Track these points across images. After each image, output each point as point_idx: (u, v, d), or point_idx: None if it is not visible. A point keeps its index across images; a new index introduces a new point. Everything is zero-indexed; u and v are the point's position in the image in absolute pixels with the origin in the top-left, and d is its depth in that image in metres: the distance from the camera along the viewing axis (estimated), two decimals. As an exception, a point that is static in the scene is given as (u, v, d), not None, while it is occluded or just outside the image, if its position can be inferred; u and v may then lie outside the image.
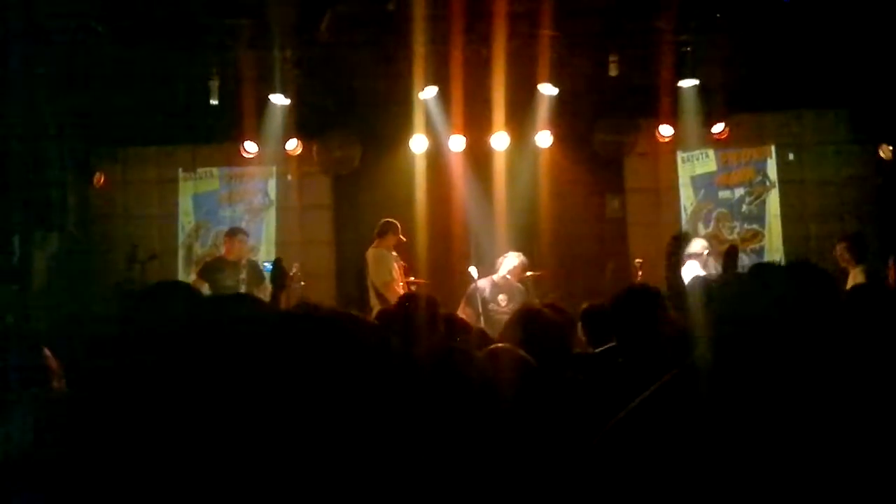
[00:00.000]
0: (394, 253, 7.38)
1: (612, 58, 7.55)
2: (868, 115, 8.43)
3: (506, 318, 6.65)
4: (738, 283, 2.29)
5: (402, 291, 6.98)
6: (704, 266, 7.13)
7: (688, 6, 6.74)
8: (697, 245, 7.41)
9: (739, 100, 8.19)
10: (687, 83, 7.83)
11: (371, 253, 7.36)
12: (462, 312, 6.66)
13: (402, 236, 7.42)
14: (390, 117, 8.28)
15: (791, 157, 8.75)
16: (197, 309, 2.23)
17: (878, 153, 8.35)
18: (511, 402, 2.23)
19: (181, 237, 9.06)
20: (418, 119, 8.09)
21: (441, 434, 2.04)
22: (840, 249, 6.35)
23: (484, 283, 7.20)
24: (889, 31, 7.02)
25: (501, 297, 7.11)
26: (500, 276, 7.21)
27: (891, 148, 8.21)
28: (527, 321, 3.14)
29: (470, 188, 8.56)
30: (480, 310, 6.95)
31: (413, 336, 3.15)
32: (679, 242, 3.26)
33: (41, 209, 7.73)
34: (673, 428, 1.87)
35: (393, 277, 7.21)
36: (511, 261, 7.24)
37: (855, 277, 6.21)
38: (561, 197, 8.65)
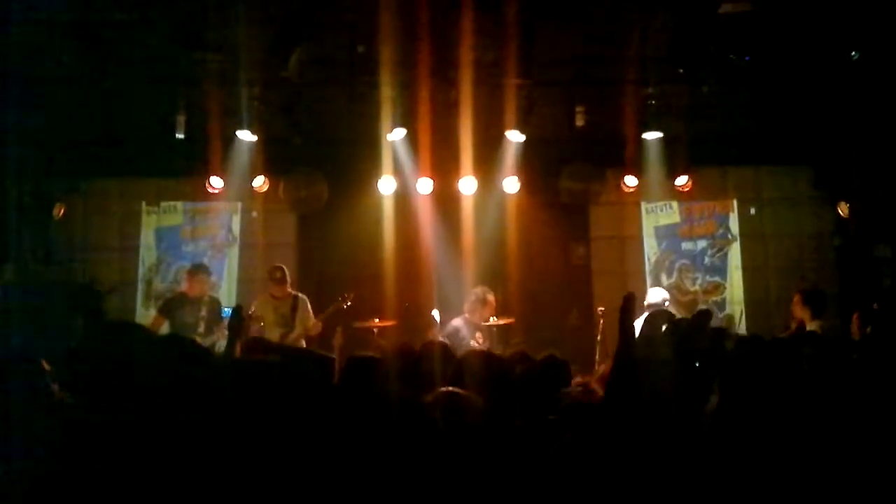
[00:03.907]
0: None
1: (578, 108, 7.65)
2: (828, 173, 8.62)
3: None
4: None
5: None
6: (664, 316, 7.15)
7: (652, 60, 6.87)
8: (657, 295, 7.46)
9: (703, 153, 8.34)
10: (651, 135, 7.95)
11: None
12: None
13: (276, 283, 7.42)
14: (358, 158, 8.27)
15: (753, 211, 8.89)
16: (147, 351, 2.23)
17: (837, 210, 8.52)
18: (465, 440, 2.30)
19: (141, 271, 8.91)
20: (386, 160, 8.09)
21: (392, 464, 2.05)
22: (796, 304, 6.41)
23: (459, 323, 7.15)
24: (849, 93, 7.22)
25: (479, 335, 7.07)
26: (470, 314, 7.17)
27: (848, 206, 8.38)
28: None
29: (436, 231, 8.56)
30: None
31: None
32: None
33: (-3, 240, 7.59)
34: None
35: (252, 321, 7.19)
36: (472, 297, 7.20)
37: (811, 331, 6.28)
38: (527, 243, 8.68)
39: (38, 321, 7.64)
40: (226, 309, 7.40)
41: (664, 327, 3.65)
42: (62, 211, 8.37)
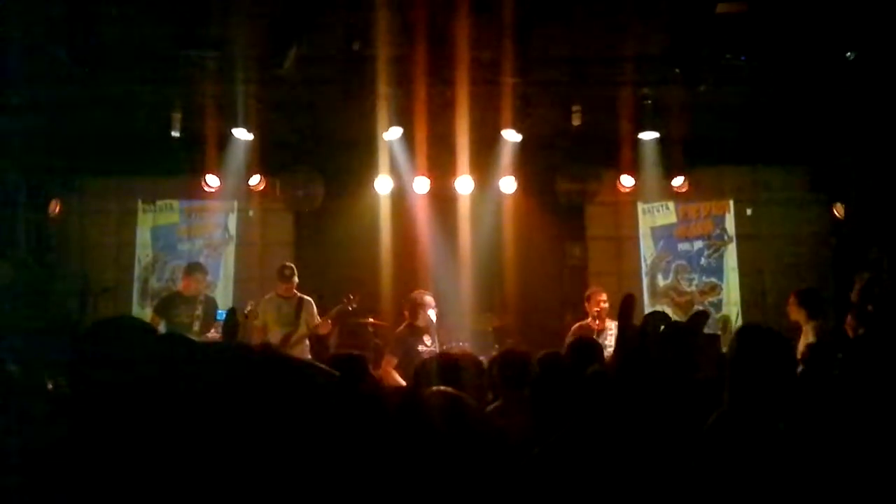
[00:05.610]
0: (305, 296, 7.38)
1: (575, 107, 7.64)
2: (824, 174, 8.62)
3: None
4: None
5: (255, 333, 7.08)
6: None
7: (649, 59, 6.86)
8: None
9: (700, 154, 8.34)
10: (647, 135, 7.95)
11: None
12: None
13: (284, 281, 7.31)
14: (355, 156, 8.27)
15: (749, 212, 8.89)
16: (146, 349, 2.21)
17: (833, 211, 8.52)
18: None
19: (137, 270, 8.91)
20: (383, 159, 8.09)
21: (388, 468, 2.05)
22: (791, 304, 6.34)
23: (404, 333, 6.75)
24: (845, 93, 7.21)
25: (426, 338, 6.65)
26: (413, 320, 6.89)
27: (844, 207, 8.38)
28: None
29: (433, 231, 8.56)
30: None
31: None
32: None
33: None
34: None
35: (248, 319, 7.15)
36: (409, 304, 6.77)
37: (807, 334, 6.18)
38: (523, 243, 8.67)
39: (36, 318, 7.64)
40: (220, 311, 7.37)
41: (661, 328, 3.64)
42: (57, 207, 8.36)
